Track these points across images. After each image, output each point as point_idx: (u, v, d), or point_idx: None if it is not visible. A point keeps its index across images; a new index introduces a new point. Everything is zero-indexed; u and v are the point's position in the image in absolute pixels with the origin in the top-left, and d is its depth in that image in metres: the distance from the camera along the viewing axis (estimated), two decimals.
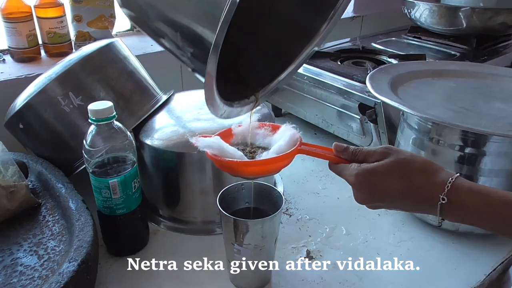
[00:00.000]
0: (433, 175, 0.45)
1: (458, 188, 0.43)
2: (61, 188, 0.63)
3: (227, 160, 0.48)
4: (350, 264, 0.64)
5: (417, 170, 0.46)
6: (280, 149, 0.49)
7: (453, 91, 0.73)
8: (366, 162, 0.48)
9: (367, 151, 0.49)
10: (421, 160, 0.47)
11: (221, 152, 0.49)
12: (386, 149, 0.48)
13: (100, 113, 0.56)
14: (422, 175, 0.45)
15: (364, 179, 0.47)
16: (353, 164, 0.48)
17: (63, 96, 0.66)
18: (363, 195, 0.48)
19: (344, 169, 0.49)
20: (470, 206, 0.43)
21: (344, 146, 0.50)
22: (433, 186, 0.44)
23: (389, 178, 0.46)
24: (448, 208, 0.43)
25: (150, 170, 0.71)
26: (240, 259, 0.56)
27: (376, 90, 0.65)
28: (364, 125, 0.86)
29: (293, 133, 0.51)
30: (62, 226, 0.59)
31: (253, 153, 0.51)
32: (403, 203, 0.47)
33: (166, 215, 0.74)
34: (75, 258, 0.49)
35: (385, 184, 0.46)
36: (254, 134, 0.54)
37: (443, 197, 0.43)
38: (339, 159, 0.50)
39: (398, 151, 0.48)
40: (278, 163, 0.50)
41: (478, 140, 0.62)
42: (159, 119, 0.73)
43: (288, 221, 0.73)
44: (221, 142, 0.50)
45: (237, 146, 0.53)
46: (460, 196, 0.43)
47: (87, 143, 0.57)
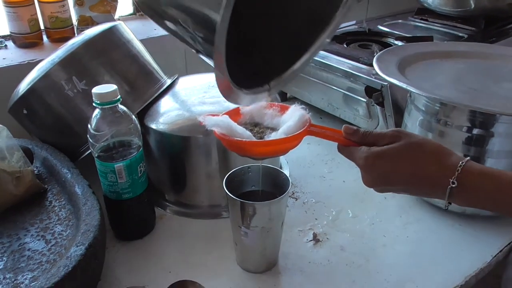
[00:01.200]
0: (444, 159, 0.44)
1: (469, 171, 0.43)
2: (67, 174, 0.63)
3: (236, 139, 0.47)
4: (356, 247, 0.64)
5: (428, 154, 0.45)
6: (289, 130, 0.48)
7: (462, 72, 0.72)
8: (376, 145, 0.47)
9: (377, 133, 0.48)
10: (432, 144, 0.46)
11: (230, 132, 0.48)
12: (397, 132, 0.47)
13: (104, 97, 0.56)
14: (433, 160, 0.45)
15: (373, 162, 0.46)
16: (362, 147, 0.48)
17: (66, 81, 0.65)
18: (372, 179, 0.48)
19: (354, 152, 0.48)
20: (480, 189, 0.42)
21: (354, 128, 0.49)
22: (443, 170, 0.44)
23: (399, 162, 0.45)
24: (457, 192, 0.43)
25: (156, 155, 0.71)
26: (247, 241, 0.56)
27: (383, 72, 0.64)
28: (371, 108, 0.85)
29: (302, 114, 0.50)
30: (68, 211, 0.59)
31: (262, 134, 0.50)
32: (412, 187, 0.46)
33: (172, 199, 0.73)
34: (82, 242, 0.49)
35: (394, 168, 0.45)
36: (263, 114, 0.53)
37: (453, 181, 0.43)
38: (348, 142, 0.49)
39: (409, 134, 0.47)
40: (287, 144, 0.49)
41: (487, 121, 0.61)
42: (164, 103, 0.72)
43: (294, 204, 0.73)
44: (229, 121, 0.50)
45: (245, 126, 0.52)
46: (471, 180, 0.42)
47: (92, 127, 0.57)
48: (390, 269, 0.60)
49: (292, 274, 0.59)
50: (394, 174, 0.46)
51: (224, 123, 0.49)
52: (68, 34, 0.91)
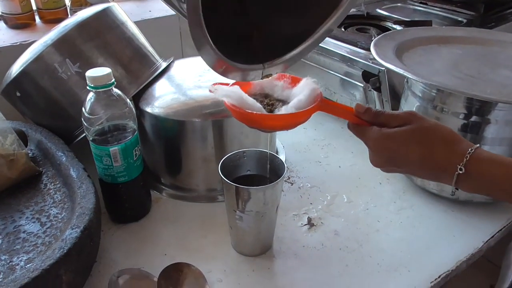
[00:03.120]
0: (454, 146, 0.44)
1: (477, 158, 0.43)
2: (62, 157, 0.62)
3: (247, 112, 0.46)
4: (350, 231, 0.64)
5: (439, 140, 0.45)
6: (300, 104, 0.47)
7: (460, 58, 0.71)
8: (387, 126, 0.47)
9: (389, 114, 0.47)
10: (444, 130, 0.46)
11: (240, 103, 0.47)
12: (409, 115, 0.47)
13: (98, 80, 0.55)
14: (443, 145, 0.45)
15: (383, 144, 0.46)
16: (373, 127, 0.47)
17: (60, 63, 0.65)
18: (380, 159, 0.48)
19: (364, 131, 0.48)
20: (487, 176, 0.43)
21: (366, 107, 0.48)
22: (452, 157, 0.44)
23: (409, 145, 0.45)
24: (465, 178, 0.43)
25: (151, 138, 0.71)
26: (242, 225, 0.56)
27: (380, 57, 0.64)
28: (368, 93, 0.85)
29: (314, 88, 0.49)
30: (64, 194, 0.59)
31: (272, 106, 0.49)
32: (419, 171, 0.46)
33: (168, 183, 0.74)
34: (77, 225, 0.49)
35: (404, 151, 0.45)
36: (273, 85, 0.51)
37: (461, 167, 0.43)
38: (359, 120, 0.49)
39: (421, 118, 0.47)
40: (297, 119, 0.48)
41: (483, 108, 0.61)
42: (159, 87, 0.72)
43: (290, 189, 0.73)
44: (240, 92, 0.48)
45: (255, 97, 0.50)
46: (479, 166, 0.43)
47: (86, 110, 0.57)
48: (383, 253, 0.60)
49: (286, 257, 0.60)
50: (403, 156, 0.46)
51: (235, 93, 0.48)
52: (61, 15, 0.90)
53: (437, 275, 0.57)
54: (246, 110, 0.46)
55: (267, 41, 0.51)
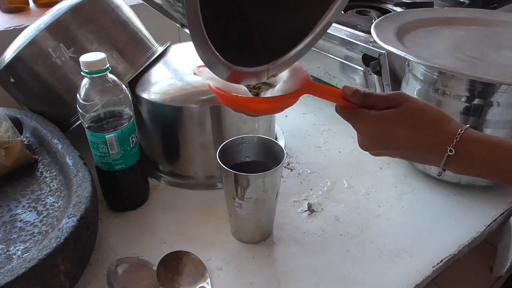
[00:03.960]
0: (443, 126, 0.44)
1: (467, 139, 0.42)
2: (57, 144, 0.61)
3: (232, 95, 0.45)
4: (351, 217, 0.64)
5: (428, 120, 0.44)
6: (286, 87, 0.46)
7: (462, 40, 0.70)
8: (376, 108, 0.46)
9: (378, 96, 0.46)
10: (433, 111, 0.45)
11: (225, 86, 0.46)
12: (398, 96, 0.46)
13: (93, 65, 0.54)
14: (432, 126, 0.44)
15: (372, 126, 0.45)
16: (362, 109, 0.46)
17: (54, 48, 0.63)
18: (369, 142, 0.47)
19: (352, 114, 0.47)
20: (478, 156, 0.42)
21: (353, 89, 0.47)
22: (441, 137, 0.43)
23: (398, 126, 0.44)
24: (454, 159, 0.42)
25: (148, 125, 0.70)
26: (241, 212, 0.56)
27: (381, 39, 0.63)
28: (368, 77, 0.84)
29: (301, 70, 0.48)
30: (60, 182, 0.58)
31: (258, 89, 0.48)
32: (409, 152, 0.45)
33: (166, 170, 0.73)
34: (74, 214, 0.49)
35: (393, 132, 0.44)
36: None
37: (450, 148, 0.42)
38: (347, 103, 0.48)
39: (410, 98, 0.46)
40: (283, 101, 0.47)
41: (486, 90, 0.60)
42: (156, 72, 0.70)
43: (290, 175, 0.73)
44: None
45: None
46: (469, 147, 0.42)
47: (81, 97, 0.55)
48: (384, 239, 0.60)
49: (286, 244, 0.59)
50: (391, 138, 0.45)
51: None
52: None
53: (439, 260, 0.57)
54: (231, 93, 0.45)
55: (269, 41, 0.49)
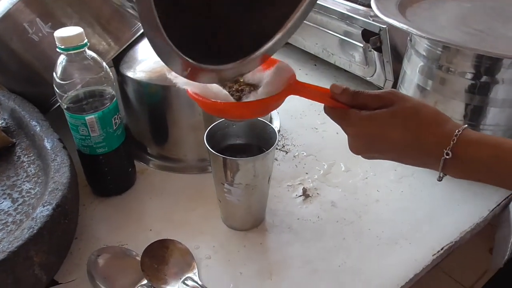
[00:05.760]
0: (439, 128, 0.40)
1: (465, 141, 0.38)
2: (36, 126, 0.57)
3: (211, 101, 0.42)
4: (348, 202, 0.60)
5: (422, 121, 0.40)
6: (271, 88, 0.43)
7: (468, 12, 0.65)
8: (367, 108, 0.42)
9: (368, 94, 0.42)
10: (428, 110, 0.41)
11: (204, 91, 0.42)
12: (390, 94, 0.42)
13: (69, 41, 0.50)
14: (427, 128, 0.40)
15: (362, 129, 0.41)
16: (351, 110, 0.42)
17: (29, 23, 0.59)
18: (360, 145, 0.43)
19: (342, 115, 0.43)
20: (477, 160, 0.38)
21: (342, 87, 0.43)
22: (438, 140, 0.39)
23: (391, 128, 0.40)
24: (452, 163, 0.39)
25: (135, 105, 0.66)
26: (231, 199, 0.52)
27: (382, 12, 0.58)
28: (368, 54, 0.79)
29: (287, 69, 0.44)
30: (38, 167, 0.54)
31: (240, 92, 0.45)
32: (403, 156, 0.42)
33: (154, 153, 0.69)
34: (49, 202, 0.45)
35: (385, 135, 0.40)
36: None
37: (447, 151, 0.38)
38: (336, 103, 0.44)
39: (403, 97, 0.42)
40: (267, 105, 0.44)
41: (493, 66, 0.56)
42: (142, 49, 0.66)
43: (284, 158, 0.69)
44: None
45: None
46: (467, 150, 0.38)
47: (57, 75, 0.51)
48: (382, 225, 0.57)
49: (279, 231, 0.56)
50: (384, 141, 0.41)
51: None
52: None
53: (439, 247, 0.54)
54: (209, 99, 0.42)
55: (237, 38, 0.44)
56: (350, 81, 0.89)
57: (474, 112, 0.59)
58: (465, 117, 0.59)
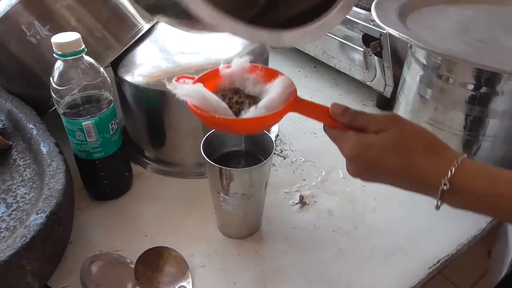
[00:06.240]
0: (438, 157, 0.39)
1: (464, 173, 0.38)
2: (32, 129, 0.57)
3: (210, 115, 0.42)
4: (345, 211, 0.60)
5: (421, 149, 0.39)
6: (271, 104, 0.42)
7: (470, 21, 0.65)
8: (366, 131, 0.42)
9: (369, 117, 0.42)
10: (427, 137, 0.41)
11: (203, 103, 0.42)
12: (390, 119, 0.41)
13: (66, 47, 0.49)
14: (425, 156, 0.39)
15: (360, 153, 0.41)
16: (350, 132, 0.42)
17: (27, 25, 0.58)
18: (357, 169, 0.43)
19: (340, 136, 0.43)
20: (475, 192, 0.38)
21: (343, 107, 0.43)
22: (435, 170, 0.38)
23: (388, 154, 0.40)
24: (450, 194, 0.38)
25: (133, 109, 0.66)
26: (227, 207, 0.52)
27: (381, 19, 0.57)
28: (368, 59, 0.79)
29: (288, 84, 0.44)
30: (33, 171, 0.54)
31: (240, 104, 0.44)
32: (401, 183, 0.41)
33: (152, 156, 0.69)
34: (43, 209, 0.45)
35: (382, 160, 0.40)
36: (244, 79, 0.46)
37: (445, 182, 0.38)
38: (335, 123, 0.43)
39: (403, 122, 0.41)
40: (264, 122, 0.44)
41: (493, 78, 0.55)
42: (140, 52, 0.66)
43: (282, 163, 0.69)
44: (203, 91, 0.43)
45: (224, 92, 0.46)
46: (465, 182, 0.37)
47: (54, 80, 0.51)
48: (379, 236, 0.56)
49: (275, 240, 0.56)
50: (381, 166, 0.40)
51: (197, 93, 0.43)
52: None
53: (436, 260, 0.53)
54: (208, 112, 0.42)
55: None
56: (350, 85, 0.89)
57: (473, 123, 0.58)
58: (465, 127, 0.59)
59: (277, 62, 0.99)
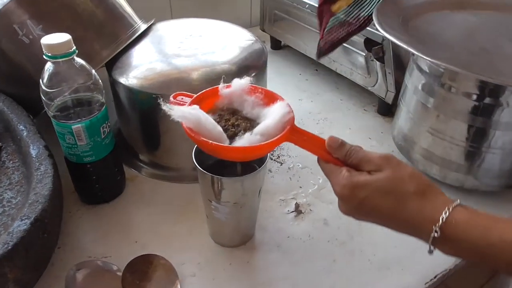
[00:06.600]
0: (430, 203, 0.38)
1: (455, 220, 0.37)
2: (23, 131, 0.56)
3: (203, 140, 0.41)
4: (341, 221, 0.59)
5: (413, 193, 0.38)
6: (267, 131, 0.42)
7: (475, 27, 0.63)
8: (360, 169, 0.41)
9: (363, 155, 0.41)
10: (419, 181, 0.39)
11: (198, 126, 0.42)
12: (385, 160, 0.40)
13: (56, 48, 0.48)
14: (417, 200, 0.38)
15: (351, 193, 0.40)
16: (343, 170, 0.41)
17: (20, 25, 0.57)
18: (347, 208, 0.42)
19: (333, 172, 0.42)
20: (466, 241, 0.36)
21: (339, 142, 0.42)
22: (427, 215, 0.37)
23: (379, 196, 0.39)
24: (441, 240, 0.37)
25: (127, 111, 0.64)
26: (219, 216, 0.51)
27: (382, 26, 0.56)
28: (369, 64, 0.77)
29: (286, 112, 0.43)
30: (22, 174, 0.53)
31: (236, 128, 0.43)
32: (391, 225, 0.40)
33: (146, 160, 0.68)
34: (28, 216, 0.44)
35: (373, 201, 0.39)
36: (243, 100, 0.46)
37: (436, 229, 0.37)
38: (330, 157, 0.42)
39: (397, 164, 0.40)
40: (259, 151, 0.43)
41: (497, 89, 0.53)
42: (136, 53, 0.64)
43: (279, 169, 0.67)
44: (199, 113, 0.42)
45: (221, 113, 0.45)
46: (456, 230, 0.36)
47: (44, 82, 0.50)
48: (375, 248, 0.55)
49: (268, 250, 0.54)
50: (372, 207, 0.39)
51: (192, 115, 0.42)
52: None
53: (433, 275, 0.52)
54: (201, 137, 0.41)
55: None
56: (351, 89, 0.87)
57: (476, 134, 0.56)
58: (467, 138, 0.57)
59: (278, 65, 0.97)
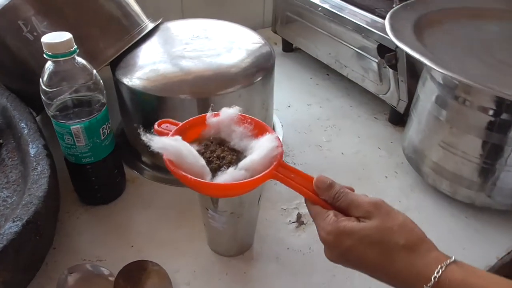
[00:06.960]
0: (420, 258, 0.35)
1: (449, 280, 0.34)
2: (24, 129, 0.55)
3: (182, 174, 0.39)
4: None
5: (402, 246, 0.36)
6: (252, 166, 0.39)
7: (493, 38, 0.60)
8: (348, 213, 0.38)
9: (352, 199, 0.39)
10: (410, 233, 0.37)
11: (179, 158, 0.39)
12: (374, 206, 0.37)
13: (56, 47, 0.47)
14: (406, 255, 0.35)
15: (336, 239, 0.37)
16: (330, 214, 0.38)
17: (25, 21, 0.56)
18: (333, 256, 0.39)
19: (319, 215, 0.39)
20: None
21: (327, 183, 0.40)
22: (417, 272, 0.35)
23: (365, 246, 0.36)
24: None
25: (130, 111, 0.63)
26: (216, 225, 0.49)
27: (395, 34, 0.53)
28: (382, 71, 0.75)
29: (274, 147, 0.41)
30: (20, 173, 0.52)
31: (221, 160, 0.41)
32: (379, 277, 0.38)
33: (148, 162, 0.67)
34: (20, 217, 0.43)
35: (359, 251, 0.36)
36: (231, 130, 0.44)
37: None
38: (317, 199, 0.40)
39: (387, 214, 0.37)
40: (242, 188, 0.40)
41: None
42: (140, 54, 0.63)
43: None
44: (180, 145, 0.40)
45: (208, 142, 0.44)
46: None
47: (43, 82, 0.49)
48: None
49: (266, 261, 0.53)
50: (358, 258, 0.37)
51: (173, 147, 0.40)
52: None
53: None
54: (181, 171, 0.38)
55: None
56: (363, 96, 0.85)
57: (491, 151, 0.53)
58: (481, 155, 0.54)
59: (289, 68, 0.95)
